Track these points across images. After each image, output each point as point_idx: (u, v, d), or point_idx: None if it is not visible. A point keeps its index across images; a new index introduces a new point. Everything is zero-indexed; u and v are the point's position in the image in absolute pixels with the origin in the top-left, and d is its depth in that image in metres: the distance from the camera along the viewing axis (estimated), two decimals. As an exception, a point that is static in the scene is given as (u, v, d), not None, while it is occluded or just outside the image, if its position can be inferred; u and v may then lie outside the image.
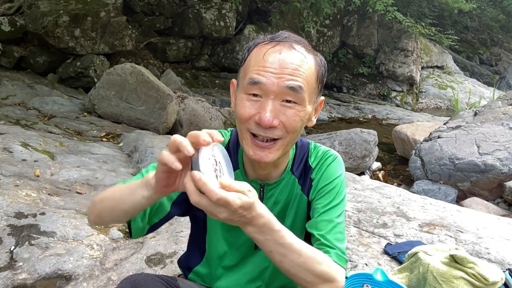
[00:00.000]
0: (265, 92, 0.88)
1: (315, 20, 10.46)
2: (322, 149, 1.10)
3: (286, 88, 0.88)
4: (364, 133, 5.12)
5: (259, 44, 0.94)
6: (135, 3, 9.18)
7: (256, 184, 1.04)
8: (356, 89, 11.10)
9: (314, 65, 0.94)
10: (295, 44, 0.92)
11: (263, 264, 1.10)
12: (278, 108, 0.89)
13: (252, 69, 0.90)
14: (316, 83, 0.95)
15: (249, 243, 1.09)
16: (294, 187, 1.07)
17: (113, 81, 5.12)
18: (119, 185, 0.93)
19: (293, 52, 0.90)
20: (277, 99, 0.89)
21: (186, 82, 8.66)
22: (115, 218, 0.95)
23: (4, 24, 6.52)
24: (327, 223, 0.99)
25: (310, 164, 1.07)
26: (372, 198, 2.93)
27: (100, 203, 0.95)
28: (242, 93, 0.92)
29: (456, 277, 1.56)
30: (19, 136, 3.44)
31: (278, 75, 0.88)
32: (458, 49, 14.45)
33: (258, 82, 0.88)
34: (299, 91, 0.89)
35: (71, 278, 1.71)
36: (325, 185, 1.03)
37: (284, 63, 0.88)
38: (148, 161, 3.42)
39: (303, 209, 1.07)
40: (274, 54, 0.89)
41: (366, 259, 2.01)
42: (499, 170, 4.01)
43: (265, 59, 0.89)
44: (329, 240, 0.97)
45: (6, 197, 2.25)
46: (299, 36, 0.97)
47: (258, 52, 0.92)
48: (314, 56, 0.95)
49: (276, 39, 0.93)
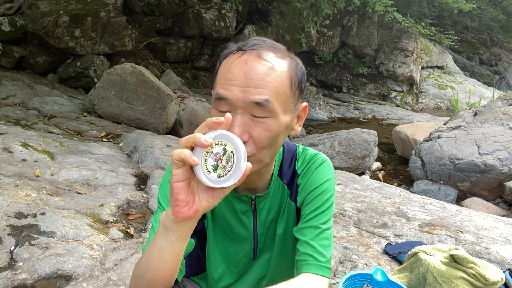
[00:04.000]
0: (232, 107, 0.83)
1: (315, 20, 10.46)
2: (310, 153, 1.05)
3: (251, 103, 0.82)
4: (364, 133, 5.12)
5: (229, 54, 0.88)
6: (135, 3, 9.17)
7: (247, 198, 1.02)
8: (356, 89, 11.10)
9: (287, 71, 0.87)
10: (264, 51, 0.86)
11: (261, 274, 1.09)
12: (247, 122, 0.84)
13: (219, 83, 0.86)
14: (290, 91, 0.87)
15: (248, 257, 1.08)
16: (284, 193, 1.04)
17: (113, 81, 5.12)
18: (146, 255, 0.85)
19: (260, 62, 0.84)
20: (245, 113, 0.84)
21: (186, 82, 8.66)
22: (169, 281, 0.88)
23: (4, 24, 6.52)
24: (313, 229, 0.96)
25: (296, 170, 1.04)
26: (372, 198, 2.93)
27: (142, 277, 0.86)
28: (213, 108, 0.88)
29: (456, 277, 1.56)
30: (19, 136, 3.44)
31: (243, 88, 0.82)
32: (458, 49, 14.45)
33: (224, 98, 0.83)
34: (265, 104, 0.83)
35: (71, 278, 1.71)
36: (311, 190, 1.00)
37: (249, 74, 0.83)
38: (148, 161, 3.41)
39: (293, 215, 1.05)
40: (240, 65, 0.84)
41: (366, 259, 2.01)
42: (499, 170, 4.01)
43: (231, 71, 0.84)
44: (314, 246, 0.94)
45: (6, 197, 2.25)
46: (273, 41, 0.91)
47: (226, 63, 0.87)
48: (288, 61, 0.89)
49: (243, 48, 0.87)
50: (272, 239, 1.07)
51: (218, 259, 1.08)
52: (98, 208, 2.39)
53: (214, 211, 1.04)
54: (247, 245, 1.06)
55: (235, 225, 1.04)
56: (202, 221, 1.04)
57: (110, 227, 2.20)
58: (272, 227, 1.06)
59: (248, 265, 1.09)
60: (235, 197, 1.02)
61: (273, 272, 1.09)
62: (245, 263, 1.09)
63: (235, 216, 1.03)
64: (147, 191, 2.82)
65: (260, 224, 1.05)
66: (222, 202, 1.02)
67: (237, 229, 1.04)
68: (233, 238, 1.06)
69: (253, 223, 1.04)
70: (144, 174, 3.20)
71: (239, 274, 1.10)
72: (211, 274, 1.10)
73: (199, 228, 1.04)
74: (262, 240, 1.06)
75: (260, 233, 1.05)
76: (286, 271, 1.10)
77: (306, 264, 0.93)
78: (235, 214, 1.03)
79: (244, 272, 1.10)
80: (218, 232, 1.06)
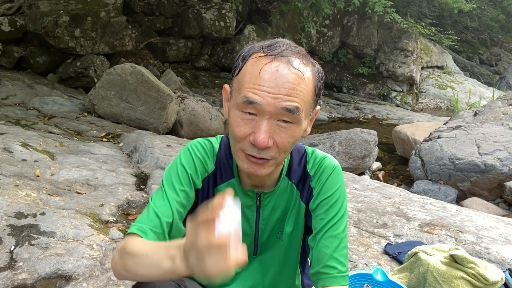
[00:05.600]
0: (260, 111, 0.86)
1: (315, 20, 10.46)
2: (320, 156, 1.07)
3: (282, 110, 0.85)
4: (364, 133, 5.12)
5: (254, 54, 0.89)
6: (135, 3, 9.18)
7: (252, 193, 1.03)
8: (356, 89, 11.10)
9: (312, 79, 0.90)
10: (293, 58, 0.87)
11: (265, 270, 1.10)
12: (273, 128, 0.87)
13: (247, 86, 0.86)
14: (313, 98, 0.91)
15: (248, 251, 1.08)
16: (292, 193, 1.06)
17: (113, 81, 5.12)
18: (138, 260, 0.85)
19: (290, 69, 0.86)
20: (272, 119, 0.86)
21: (186, 82, 8.66)
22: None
23: (4, 24, 6.52)
24: (332, 239, 0.98)
25: (308, 171, 1.05)
26: (372, 198, 2.93)
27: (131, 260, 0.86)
28: (236, 109, 0.89)
29: (456, 277, 1.56)
30: (19, 136, 3.44)
31: (274, 95, 0.84)
32: (458, 49, 14.46)
33: (254, 102, 0.85)
34: (295, 112, 0.86)
35: (71, 278, 1.71)
36: (327, 197, 1.01)
37: (280, 82, 0.84)
38: (148, 161, 3.41)
39: (301, 216, 1.06)
40: (271, 71, 0.85)
41: (366, 259, 2.01)
42: (499, 170, 4.01)
43: (261, 76, 0.85)
44: (336, 258, 0.97)
45: (6, 197, 2.25)
46: (296, 44, 0.93)
47: (254, 66, 0.87)
48: (312, 67, 0.91)
49: (273, 51, 0.87)
50: (277, 237, 1.08)
51: None
52: (98, 208, 2.39)
53: None
54: (247, 239, 1.07)
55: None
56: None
57: (110, 227, 2.20)
58: (278, 225, 1.07)
59: (248, 260, 1.10)
60: (242, 192, 1.04)
61: (277, 269, 1.10)
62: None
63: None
64: (147, 191, 2.82)
65: (262, 220, 1.06)
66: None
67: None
68: None
69: (256, 218, 1.06)
70: (144, 174, 3.20)
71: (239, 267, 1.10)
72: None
73: None
74: (264, 236, 1.07)
75: (262, 229, 1.07)
76: (290, 269, 1.12)
77: (332, 277, 0.97)
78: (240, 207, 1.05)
79: (245, 267, 1.10)
80: None
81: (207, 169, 1.04)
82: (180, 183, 0.99)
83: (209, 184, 1.04)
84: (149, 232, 0.92)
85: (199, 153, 1.04)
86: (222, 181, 1.04)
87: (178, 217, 0.97)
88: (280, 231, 1.07)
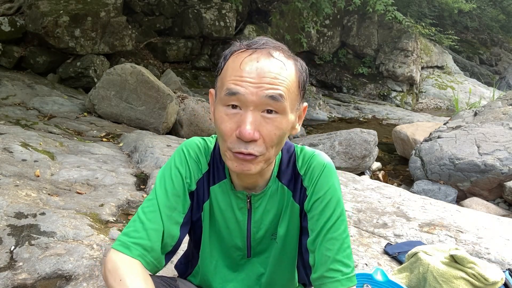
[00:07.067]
0: (244, 103, 0.84)
1: (315, 20, 10.46)
2: (309, 153, 1.04)
3: (266, 98, 0.84)
4: (364, 133, 5.12)
5: (235, 52, 0.89)
6: (135, 3, 9.17)
7: (243, 195, 1.02)
8: (356, 89, 11.10)
9: (295, 71, 0.90)
10: (273, 50, 0.88)
11: (259, 271, 1.10)
12: (258, 120, 0.85)
13: (229, 79, 0.86)
14: (297, 90, 0.90)
15: (241, 253, 1.09)
16: (284, 194, 1.03)
17: (113, 81, 5.12)
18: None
19: (271, 60, 0.86)
20: (257, 110, 0.85)
21: (186, 82, 8.66)
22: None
23: (4, 24, 6.52)
24: (334, 241, 0.96)
25: (298, 171, 1.03)
26: (372, 198, 2.93)
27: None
28: (220, 105, 0.89)
29: (456, 277, 1.56)
30: (19, 136, 3.44)
31: (257, 85, 0.84)
32: (458, 49, 14.46)
33: (236, 93, 0.84)
34: (280, 99, 0.84)
35: (71, 278, 1.71)
36: (319, 197, 0.98)
37: (262, 71, 0.84)
38: (148, 161, 3.41)
39: (296, 216, 1.04)
40: (251, 62, 0.85)
41: (366, 259, 2.01)
42: (499, 170, 4.01)
43: (242, 68, 0.85)
44: (340, 260, 0.95)
45: (6, 197, 2.25)
46: (278, 41, 0.93)
47: (234, 60, 0.87)
48: (294, 62, 0.91)
49: (252, 46, 0.88)
50: (271, 239, 1.07)
51: (213, 249, 1.08)
52: (98, 208, 2.39)
53: (212, 203, 1.04)
54: (239, 241, 1.06)
55: (230, 219, 1.05)
56: (199, 212, 1.05)
57: (110, 227, 2.20)
58: (271, 227, 1.05)
59: (243, 262, 1.10)
60: (233, 193, 1.03)
61: (272, 270, 1.09)
62: (239, 259, 1.09)
63: (231, 210, 1.04)
64: (147, 191, 2.82)
65: (254, 223, 1.04)
66: (220, 195, 1.02)
67: (231, 224, 1.05)
68: (227, 232, 1.06)
69: (248, 221, 1.04)
70: (144, 174, 3.20)
71: (234, 268, 1.10)
72: (206, 266, 1.10)
73: (196, 219, 1.05)
74: (257, 238, 1.06)
75: (254, 231, 1.05)
76: (286, 269, 1.11)
77: (336, 281, 0.94)
78: (231, 209, 1.04)
79: (240, 268, 1.10)
80: (214, 224, 1.06)
81: (202, 169, 1.03)
82: (173, 187, 0.98)
83: (204, 185, 1.03)
84: (133, 246, 0.91)
85: (193, 153, 1.03)
86: (215, 181, 1.03)
87: (170, 223, 0.96)
88: (274, 233, 1.06)
